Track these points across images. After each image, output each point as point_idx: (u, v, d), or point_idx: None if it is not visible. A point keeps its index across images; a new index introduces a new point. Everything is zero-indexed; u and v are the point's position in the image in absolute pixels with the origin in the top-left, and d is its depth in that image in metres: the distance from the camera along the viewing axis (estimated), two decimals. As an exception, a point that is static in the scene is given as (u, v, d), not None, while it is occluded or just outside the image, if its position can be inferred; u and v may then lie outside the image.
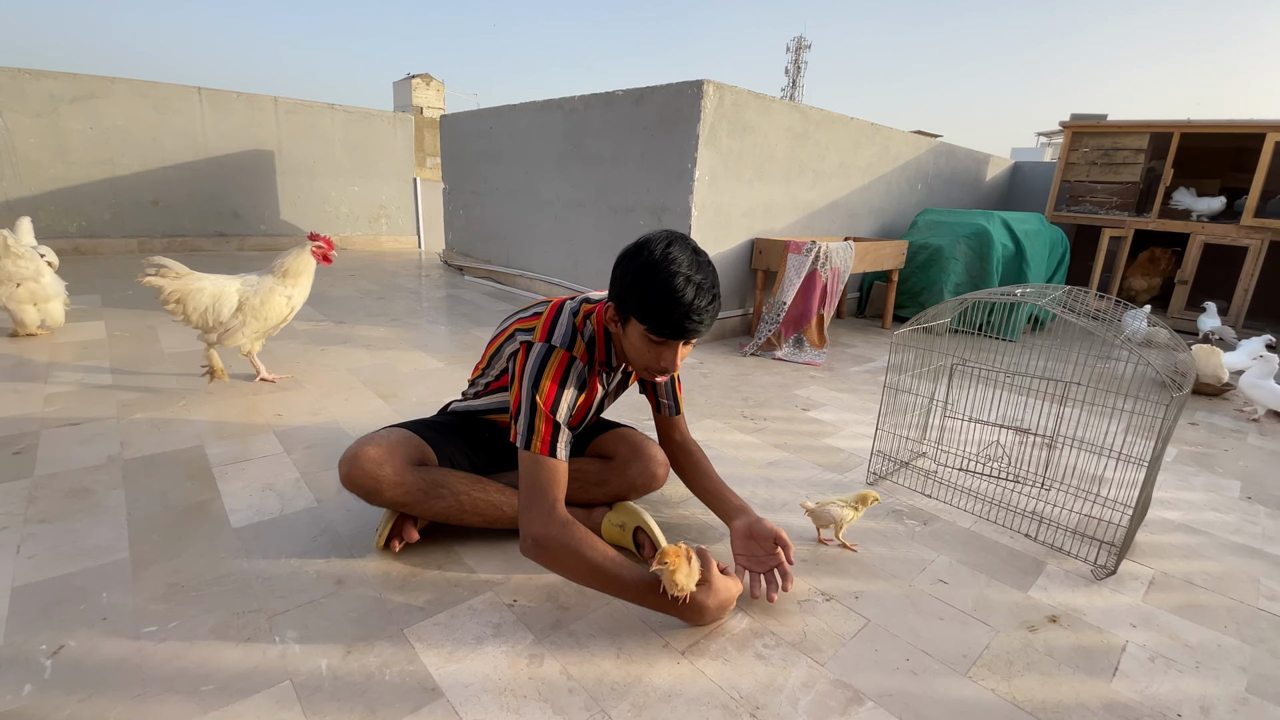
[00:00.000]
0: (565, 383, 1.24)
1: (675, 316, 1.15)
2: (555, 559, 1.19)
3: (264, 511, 1.54)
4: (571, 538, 1.18)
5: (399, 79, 42.13)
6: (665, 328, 1.16)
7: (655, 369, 1.25)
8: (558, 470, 1.22)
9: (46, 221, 5.09)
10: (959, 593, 1.38)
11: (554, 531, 1.18)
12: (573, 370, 1.26)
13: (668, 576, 1.14)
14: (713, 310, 1.19)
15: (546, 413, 1.22)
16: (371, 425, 2.05)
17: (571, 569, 1.19)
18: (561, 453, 1.23)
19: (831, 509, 1.50)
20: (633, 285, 1.17)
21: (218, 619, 1.17)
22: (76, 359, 2.57)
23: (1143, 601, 1.40)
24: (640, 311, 1.17)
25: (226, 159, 5.83)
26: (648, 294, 1.15)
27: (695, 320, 1.16)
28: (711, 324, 1.21)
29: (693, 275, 1.15)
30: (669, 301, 1.14)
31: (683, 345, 1.24)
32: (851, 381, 2.93)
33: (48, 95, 4.93)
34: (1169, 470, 2.13)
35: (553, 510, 1.19)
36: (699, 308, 1.15)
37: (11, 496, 1.54)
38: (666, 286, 1.13)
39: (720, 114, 3.16)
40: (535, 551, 1.19)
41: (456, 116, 5.42)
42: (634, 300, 1.17)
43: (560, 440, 1.23)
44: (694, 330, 1.18)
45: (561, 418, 1.23)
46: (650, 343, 1.21)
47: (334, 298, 4.11)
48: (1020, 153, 28.23)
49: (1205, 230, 4.54)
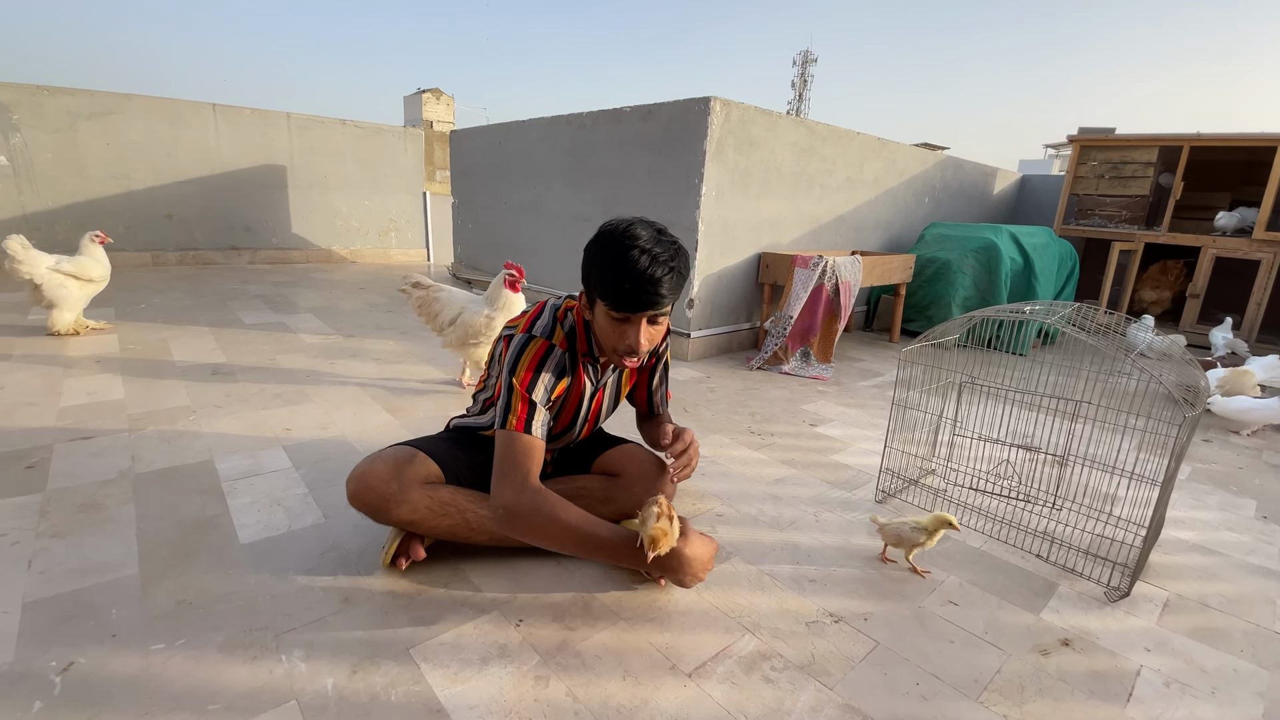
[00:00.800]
0: (542, 367, 1.28)
1: (630, 287, 1.16)
2: (529, 524, 1.20)
3: (272, 527, 1.55)
4: (545, 502, 1.20)
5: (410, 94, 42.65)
6: (623, 300, 1.18)
7: (621, 349, 1.27)
8: (532, 445, 1.25)
9: (63, 235, 5.17)
10: (969, 614, 1.37)
11: (526, 498, 1.19)
12: (551, 357, 1.29)
13: (649, 530, 1.17)
14: (670, 282, 1.19)
15: (523, 392, 1.26)
16: (379, 440, 2.06)
17: (546, 532, 1.20)
18: (537, 430, 1.26)
19: (903, 529, 1.47)
20: (594, 262, 1.21)
21: (225, 636, 1.18)
22: (90, 372, 2.60)
23: (1157, 624, 1.37)
24: (600, 288, 1.20)
25: (239, 173, 5.91)
26: (606, 268, 1.18)
27: (651, 291, 1.17)
28: (672, 298, 1.22)
29: (650, 248, 1.17)
30: (624, 272, 1.15)
31: (648, 324, 1.25)
32: (859, 396, 2.92)
33: (66, 112, 5.03)
34: (1183, 489, 2.10)
35: (525, 481, 1.21)
36: (655, 278, 1.16)
37: (24, 511, 1.55)
38: (623, 259, 1.16)
39: (727, 130, 3.18)
40: (508, 520, 1.20)
41: (466, 132, 5.48)
42: (596, 278, 1.21)
43: (536, 419, 1.26)
44: (651, 301, 1.18)
45: (538, 398, 1.27)
46: (614, 321, 1.23)
47: (344, 311, 4.15)
48: (1027, 165, 28.19)
49: (1216, 244, 4.50)
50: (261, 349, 3.11)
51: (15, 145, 4.87)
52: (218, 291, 4.58)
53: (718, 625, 1.28)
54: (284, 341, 3.29)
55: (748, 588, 1.42)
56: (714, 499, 1.83)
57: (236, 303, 4.22)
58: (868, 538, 1.66)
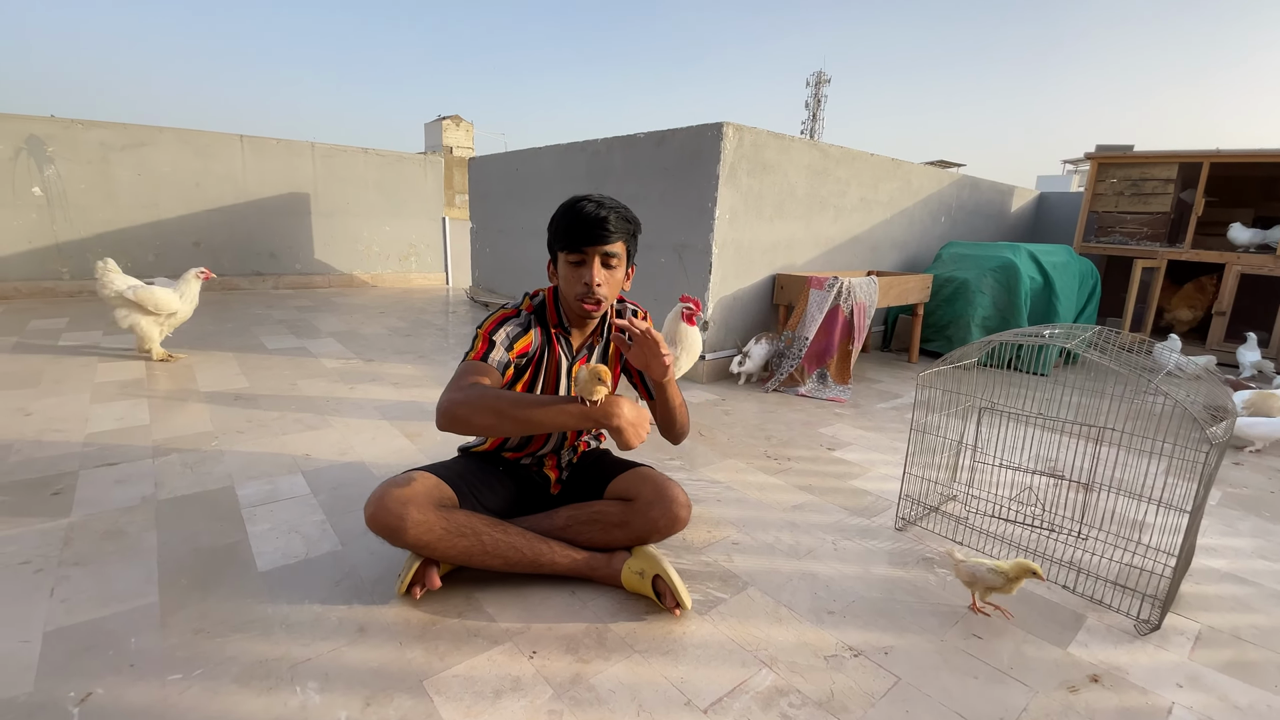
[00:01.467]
0: (505, 321, 1.45)
1: (581, 223, 1.35)
2: (471, 406, 1.25)
3: (289, 555, 1.56)
4: (488, 388, 1.30)
5: (430, 120, 43.61)
6: (575, 237, 1.36)
7: (580, 290, 1.40)
8: (485, 369, 1.37)
9: (94, 263, 5.32)
10: (994, 648, 1.33)
11: (469, 390, 1.28)
12: (515, 318, 1.46)
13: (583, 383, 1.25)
14: (615, 221, 1.37)
15: (484, 334, 1.42)
16: (397, 465, 2.07)
17: (489, 408, 1.25)
18: (492, 360, 1.39)
19: (979, 570, 1.40)
20: (554, 220, 1.41)
21: (241, 667, 1.18)
22: (117, 397, 2.66)
23: (1189, 659, 1.33)
24: (556, 238, 1.41)
25: (265, 202, 6.07)
26: (561, 218, 1.39)
27: (599, 226, 1.35)
28: (621, 234, 1.39)
29: (597, 199, 1.38)
30: (575, 214, 1.36)
31: (602, 267, 1.39)
32: (878, 419, 2.89)
33: (99, 144, 5.21)
34: (1213, 515, 2.04)
35: (474, 384, 1.31)
36: (601, 216, 1.35)
37: (48, 538, 1.58)
38: (573, 209, 1.38)
39: (740, 154, 3.20)
40: (449, 408, 1.26)
41: (484, 159, 5.59)
42: (553, 231, 1.41)
43: (494, 355, 1.40)
44: (599, 236, 1.35)
45: (498, 339, 1.41)
46: (572, 266, 1.40)
47: (364, 335, 4.21)
48: (1046, 181, 28.00)
49: (1241, 260, 4.42)
50: (283, 374, 3.16)
51: (50, 176, 5.05)
52: (242, 317, 4.68)
53: (734, 659, 1.26)
54: (305, 366, 3.34)
55: (764, 619, 1.39)
56: (730, 526, 1.81)
57: (260, 328, 4.30)
58: (889, 567, 1.63)
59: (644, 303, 3.64)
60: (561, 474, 1.68)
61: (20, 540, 1.57)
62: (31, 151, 4.95)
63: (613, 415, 1.26)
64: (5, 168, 4.87)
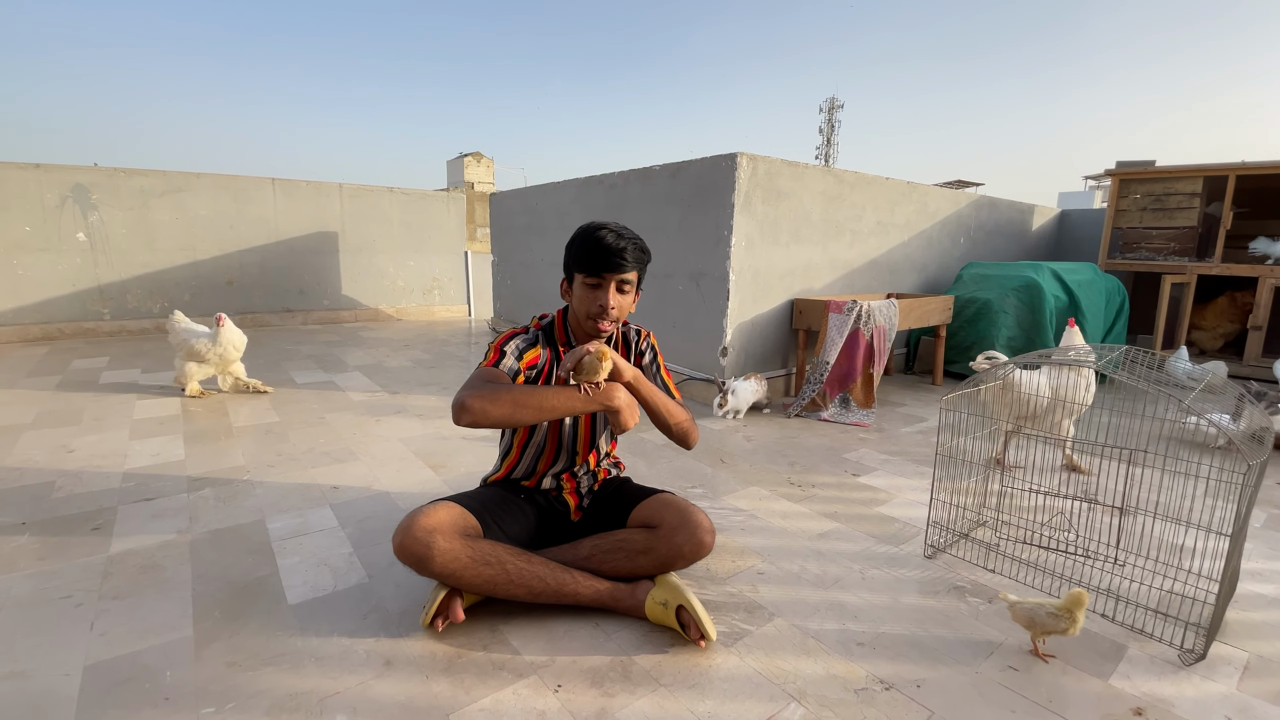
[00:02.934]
0: (514, 336, 1.55)
1: (600, 251, 1.45)
2: (485, 399, 1.34)
3: (318, 588, 1.58)
4: (502, 383, 1.42)
5: (452, 158, 44.76)
6: (594, 264, 1.46)
7: (594, 310, 1.51)
8: (497, 374, 1.46)
9: (133, 304, 5.54)
10: (1031, 681, 1.29)
11: (483, 388, 1.38)
12: (523, 334, 1.57)
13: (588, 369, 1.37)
14: (632, 252, 1.48)
15: (496, 346, 1.52)
16: (422, 496, 2.10)
17: (505, 400, 1.35)
18: (505, 369, 1.48)
19: (1038, 613, 1.33)
20: (572, 245, 1.51)
21: (271, 700, 1.19)
22: (154, 434, 2.74)
23: (1238, 690, 1.27)
24: (577, 261, 1.50)
25: (295, 241, 6.28)
26: (580, 245, 1.49)
27: (619, 254, 1.46)
28: (635, 264, 1.49)
29: (615, 229, 1.48)
30: (595, 242, 1.46)
31: (617, 292, 1.49)
32: (903, 443, 2.85)
33: (139, 191, 5.46)
34: (1257, 538, 1.97)
35: (488, 384, 1.40)
36: (619, 247, 1.46)
37: (89, 572, 1.63)
38: (592, 236, 1.47)
39: (754, 183, 3.24)
40: (466, 401, 1.34)
41: (505, 194, 5.73)
42: (573, 255, 1.51)
43: (505, 363, 1.49)
44: (617, 264, 1.46)
45: (509, 349, 1.51)
46: (589, 288, 1.50)
47: (389, 368, 4.29)
48: (1068, 197, 27.70)
49: (1275, 274, 4.31)
50: (312, 408, 3.24)
51: (93, 222, 5.30)
52: (272, 353, 4.81)
53: (761, 692, 1.24)
54: (333, 400, 3.41)
55: (792, 651, 1.37)
56: (754, 555, 1.80)
57: (290, 363, 4.41)
58: (919, 596, 1.60)
59: (661, 328, 3.66)
60: (581, 500, 1.69)
61: (62, 574, 1.62)
62: (77, 199, 5.20)
63: (612, 397, 1.41)
64: (51, 215, 5.12)
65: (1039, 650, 1.38)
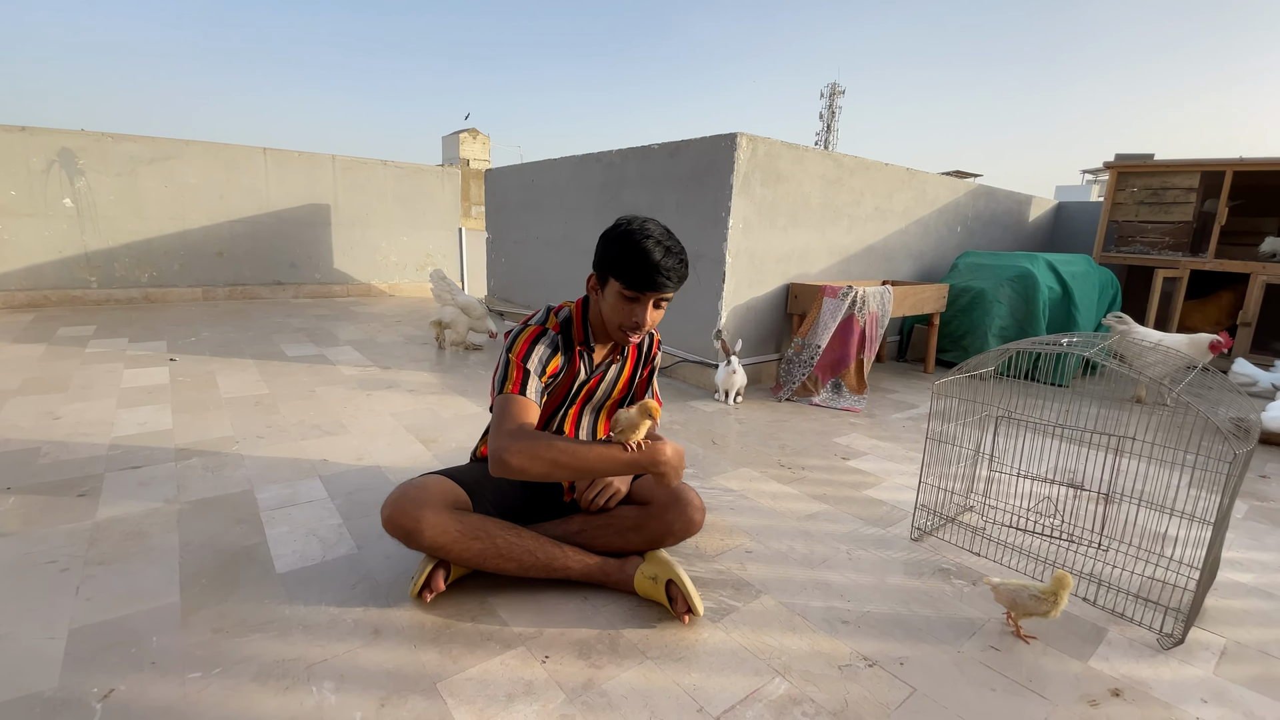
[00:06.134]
0: (536, 342, 1.44)
1: (646, 270, 1.34)
2: (529, 454, 1.25)
3: (307, 557, 1.58)
4: (543, 436, 1.30)
5: (448, 134, 44.20)
6: (638, 281, 1.35)
7: (628, 324, 1.42)
8: (528, 405, 1.36)
9: (121, 272, 5.46)
10: (1012, 661, 1.31)
11: (524, 438, 1.28)
12: (544, 337, 1.46)
13: (624, 425, 1.29)
14: (679, 271, 1.38)
15: (518, 362, 1.41)
16: (412, 470, 2.09)
17: (546, 458, 1.26)
18: (531, 394, 1.38)
19: (1020, 595, 1.35)
20: (612, 248, 1.37)
21: (259, 666, 1.20)
22: (142, 403, 2.72)
23: (1214, 674, 1.30)
24: (616, 269, 1.37)
25: (286, 212, 6.19)
26: (624, 253, 1.35)
27: (664, 275, 1.35)
28: (677, 285, 1.40)
29: (663, 240, 1.36)
30: (641, 258, 1.33)
31: (653, 307, 1.41)
32: (893, 429, 2.86)
33: (128, 157, 5.36)
34: (1239, 528, 2.00)
35: (522, 426, 1.31)
36: (667, 266, 1.35)
37: (74, 538, 1.62)
38: (639, 247, 1.34)
39: (753, 164, 3.22)
40: (505, 458, 1.25)
41: (500, 170, 5.66)
42: (612, 261, 1.37)
43: (530, 384, 1.39)
44: (662, 284, 1.36)
45: (532, 367, 1.41)
46: (625, 300, 1.39)
47: (381, 343, 4.26)
48: (1065, 191, 27.70)
49: (1266, 270, 4.34)
50: (302, 381, 3.21)
51: (80, 188, 5.20)
52: (263, 325, 4.76)
53: (747, 666, 1.26)
54: (323, 373, 3.39)
55: (778, 628, 1.39)
56: (743, 535, 1.81)
57: (280, 336, 4.38)
58: (904, 577, 1.62)
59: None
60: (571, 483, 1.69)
61: (48, 540, 1.60)
62: (64, 164, 5.10)
63: (658, 461, 1.31)
64: (38, 180, 5.02)
65: (1020, 631, 1.40)
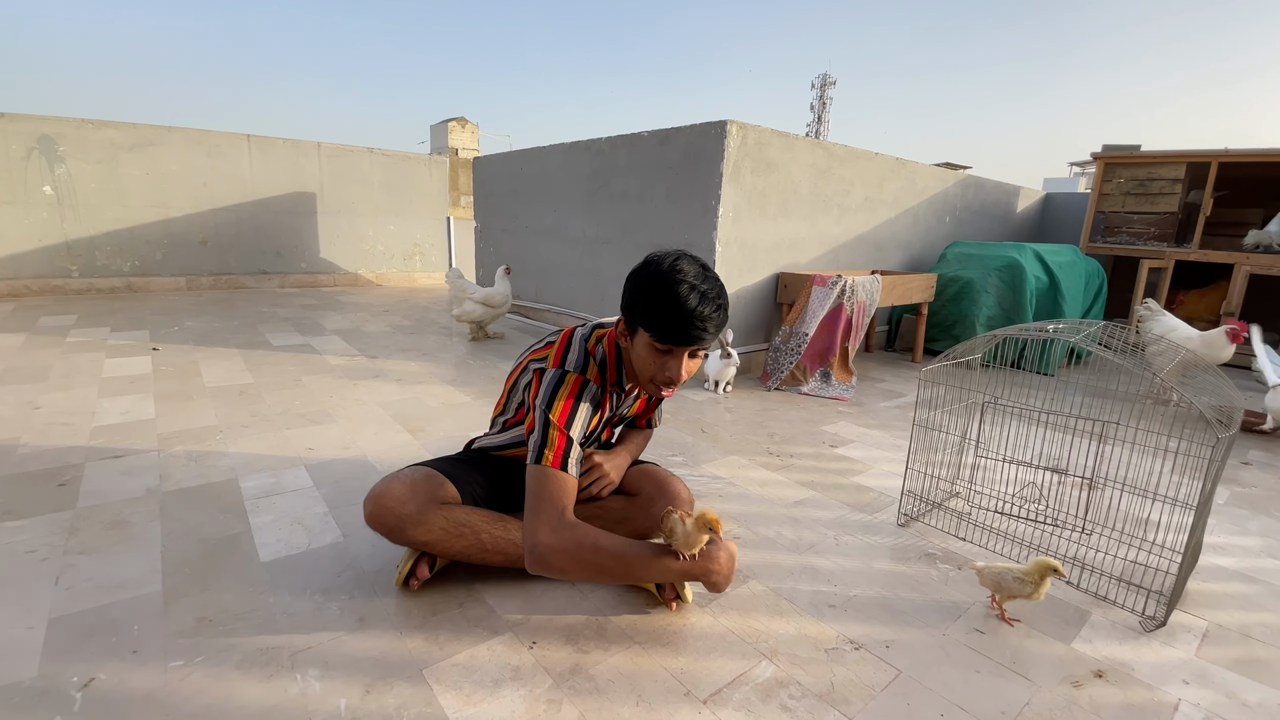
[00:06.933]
0: (580, 401, 1.28)
1: (680, 321, 1.18)
2: (572, 558, 1.18)
3: (292, 546, 1.56)
4: (586, 533, 1.20)
5: (436, 122, 43.71)
6: (671, 334, 1.19)
7: (661, 379, 1.27)
8: (568, 483, 1.23)
9: (103, 261, 5.37)
10: (996, 643, 1.32)
11: (565, 534, 1.18)
12: (586, 391, 1.30)
13: (680, 538, 1.20)
14: (717, 320, 1.21)
15: (560, 426, 1.25)
16: (399, 460, 2.08)
17: (590, 563, 1.19)
18: (573, 469, 1.25)
19: (1004, 577, 1.36)
20: (640, 295, 1.21)
21: (242, 655, 1.18)
22: (124, 392, 2.68)
23: (1196, 656, 1.31)
24: (647, 319, 1.21)
25: (271, 201, 6.10)
26: (654, 302, 1.19)
27: (700, 327, 1.19)
28: (716, 334, 1.23)
29: (698, 285, 1.19)
30: (675, 307, 1.17)
31: (689, 358, 1.26)
32: (881, 417, 2.87)
33: (108, 143, 5.25)
34: (1221, 514, 2.02)
35: (562, 517, 1.20)
36: (703, 315, 1.18)
37: (54, 528, 1.59)
38: (672, 293, 1.17)
39: (743, 152, 3.20)
40: (547, 557, 1.18)
41: (488, 158, 5.60)
42: (641, 309, 1.21)
43: (572, 456, 1.25)
44: (698, 337, 1.20)
45: (575, 434, 1.26)
46: (657, 352, 1.24)
47: (368, 333, 4.22)
48: (1053, 183, 27.89)
49: (1250, 260, 4.39)
50: (288, 370, 3.18)
51: (60, 175, 5.10)
52: (248, 315, 4.70)
53: (734, 650, 1.26)
54: (309, 363, 3.35)
55: (765, 612, 1.39)
56: (731, 521, 1.81)
57: (265, 325, 4.33)
58: (890, 562, 1.63)
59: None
60: None
61: (27, 529, 1.58)
62: (43, 151, 5.00)
63: (712, 571, 1.23)
64: (17, 167, 4.92)
65: (1004, 614, 1.41)
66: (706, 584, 1.27)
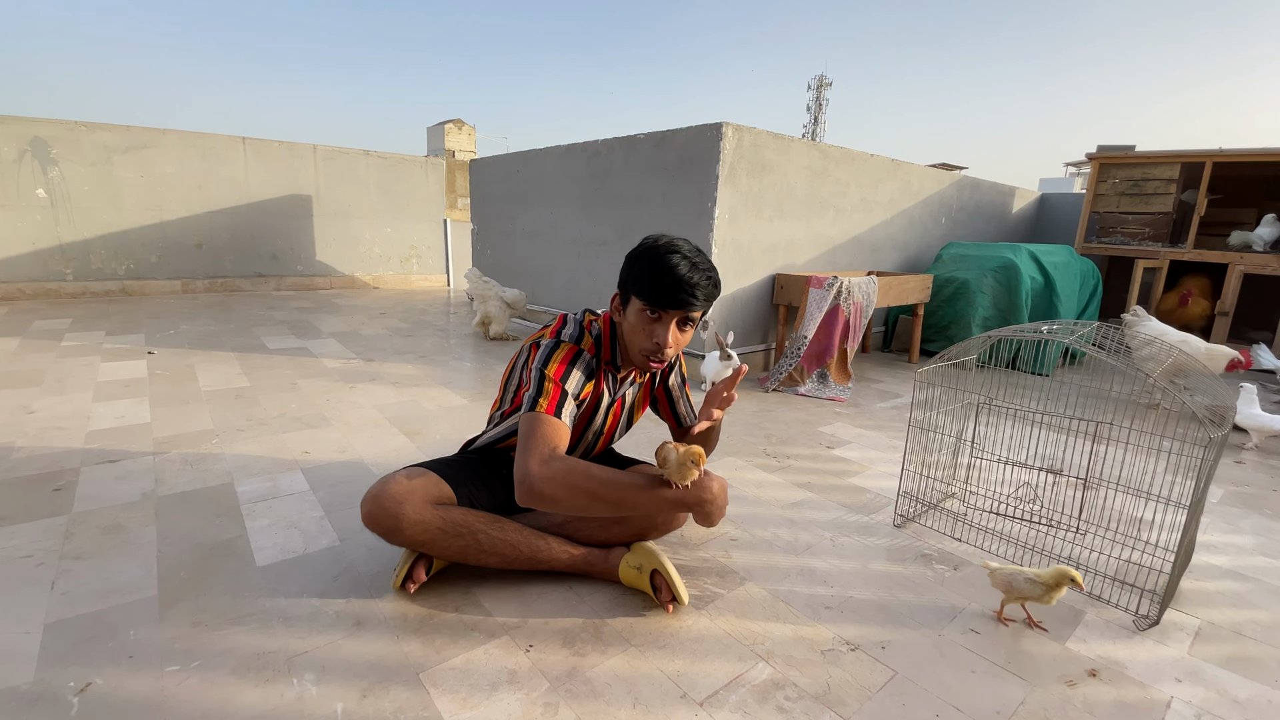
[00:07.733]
0: (574, 364, 1.34)
1: (670, 285, 1.25)
2: (564, 485, 1.20)
3: (288, 550, 1.56)
4: (578, 463, 1.23)
5: (433, 125, 43.70)
6: (661, 297, 1.26)
7: (649, 347, 1.32)
8: (560, 429, 1.27)
9: (97, 264, 5.36)
10: (991, 643, 1.33)
11: (556, 464, 1.21)
12: (580, 358, 1.36)
13: (674, 467, 1.22)
14: (705, 289, 1.28)
15: (556, 380, 1.30)
16: (396, 463, 2.07)
17: (583, 490, 1.21)
18: (565, 417, 1.29)
19: (1016, 579, 1.35)
20: (635, 265, 1.30)
21: (239, 659, 1.18)
22: (119, 396, 2.67)
23: (1189, 654, 1.32)
24: (639, 286, 1.28)
25: (267, 203, 6.10)
26: (647, 268, 1.27)
27: (689, 291, 1.25)
28: (705, 304, 1.30)
29: (690, 256, 1.28)
30: (665, 271, 1.25)
31: (678, 328, 1.31)
32: (877, 418, 2.88)
33: (102, 146, 5.24)
34: (1214, 513, 2.03)
35: (554, 452, 1.23)
36: (692, 280, 1.26)
37: (50, 533, 1.59)
38: (664, 261, 1.26)
39: (739, 154, 3.21)
40: (539, 487, 1.19)
41: (485, 160, 5.60)
42: (635, 277, 1.29)
43: (565, 407, 1.29)
44: (687, 301, 1.26)
45: (570, 389, 1.31)
46: (647, 320, 1.30)
47: (365, 335, 4.22)
48: (1049, 184, 27.99)
49: (1244, 260, 4.41)
50: (284, 374, 3.17)
51: (53, 178, 5.08)
52: (244, 318, 4.69)
53: (730, 653, 1.26)
54: (306, 366, 3.35)
55: (762, 614, 1.39)
56: (728, 522, 1.81)
57: (261, 329, 4.32)
58: (887, 563, 1.63)
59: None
60: None
61: (22, 534, 1.57)
62: (36, 153, 4.98)
63: (705, 500, 1.26)
64: (9, 170, 4.90)
65: (1002, 616, 1.41)
66: (699, 516, 1.29)
